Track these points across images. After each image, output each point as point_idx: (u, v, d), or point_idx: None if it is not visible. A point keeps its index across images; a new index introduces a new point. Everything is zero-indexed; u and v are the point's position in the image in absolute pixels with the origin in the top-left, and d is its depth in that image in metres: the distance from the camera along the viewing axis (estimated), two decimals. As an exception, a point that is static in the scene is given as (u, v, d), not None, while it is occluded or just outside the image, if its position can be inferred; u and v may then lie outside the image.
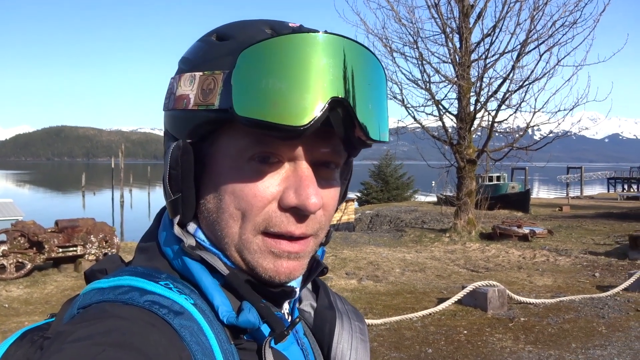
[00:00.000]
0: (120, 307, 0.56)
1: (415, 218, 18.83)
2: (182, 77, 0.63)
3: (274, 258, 0.63)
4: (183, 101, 0.62)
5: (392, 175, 34.06)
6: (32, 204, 38.26)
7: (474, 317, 6.62)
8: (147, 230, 0.72)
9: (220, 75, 0.59)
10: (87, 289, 0.61)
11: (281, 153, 0.61)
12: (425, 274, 9.74)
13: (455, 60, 13.73)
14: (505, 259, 11.08)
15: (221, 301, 0.61)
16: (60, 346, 0.50)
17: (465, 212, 13.83)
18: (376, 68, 0.63)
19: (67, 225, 9.71)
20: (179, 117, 0.63)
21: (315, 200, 0.61)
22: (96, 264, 0.70)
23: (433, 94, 14.13)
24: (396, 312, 6.82)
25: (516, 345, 5.56)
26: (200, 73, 0.61)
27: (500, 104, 13.59)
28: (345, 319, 0.80)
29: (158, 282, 0.60)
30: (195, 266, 0.63)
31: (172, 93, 0.65)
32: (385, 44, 14.19)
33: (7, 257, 8.98)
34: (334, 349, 0.76)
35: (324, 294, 0.82)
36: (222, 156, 0.63)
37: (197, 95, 0.60)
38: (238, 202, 0.61)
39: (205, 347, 0.56)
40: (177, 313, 0.57)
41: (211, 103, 0.59)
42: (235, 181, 0.61)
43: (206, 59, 0.62)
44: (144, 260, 0.67)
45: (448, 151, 14.40)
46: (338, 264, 10.39)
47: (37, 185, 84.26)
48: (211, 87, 0.59)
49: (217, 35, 0.64)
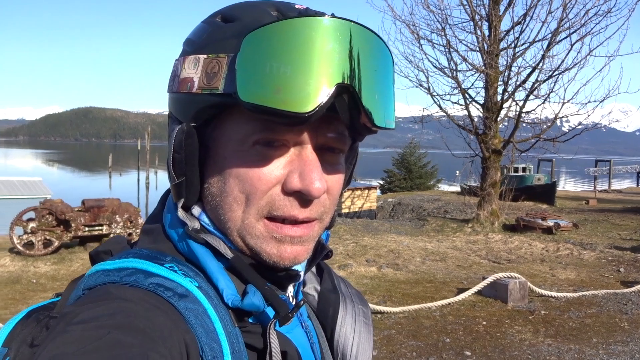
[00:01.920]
0: (125, 289, 0.56)
1: (438, 207, 18.69)
2: (187, 60, 0.62)
3: (277, 243, 0.63)
4: (187, 84, 0.61)
5: (415, 163, 33.79)
6: (61, 183, 39.11)
7: (494, 308, 6.57)
8: (152, 212, 0.73)
9: (224, 58, 0.58)
10: (92, 270, 0.62)
11: (286, 138, 0.61)
12: (445, 263, 9.70)
13: (484, 49, 13.48)
14: (528, 251, 10.95)
15: (226, 284, 0.61)
16: (66, 327, 0.50)
17: (489, 203, 13.66)
18: (384, 53, 0.62)
19: (94, 204, 9.92)
20: (183, 100, 0.63)
21: (319, 185, 0.60)
22: (101, 245, 0.70)
23: (460, 82, 13.91)
24: (415, 301, 6.82)
25: (535, 338, 5.52)
26: (204, 56, 0.60)
27: (529, 94, 13.30)
28: (348, 302, 0.80)
29: (163, 264, 0.60)
30: (200, 249, 0.63)
31: (177, 75, 0.64)
32: (413, 31, 14.00)
33: (36, 234, 9.24)
34: (337, 332, 0.77)
35: (327, 277, 0.82)
36: (226, 140, 0.63)
37: (201, 78, 0.60)
38: (242, 185, 0.61)
39: (209, 329, 0.56)
40: (182, 296, 0.57)
41: (215, 87, 0.58)
42: (239, 164, 0.61)
43: (210, 41, 0.61)
44: (148, 243, 0.67)
45: (473, 141, 14.19)
46: (358, 251, 10.41)
47: (65, 164, 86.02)
48: (215, 71, 0.59)
49: (222, 16, 0.63)
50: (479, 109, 14.12)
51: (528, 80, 13.28)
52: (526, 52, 13.35)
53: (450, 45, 13.71)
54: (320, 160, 0.63)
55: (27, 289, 7.63)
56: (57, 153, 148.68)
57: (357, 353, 0.76)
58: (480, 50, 13.62)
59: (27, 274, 8.48)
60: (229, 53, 0.58)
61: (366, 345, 0.78)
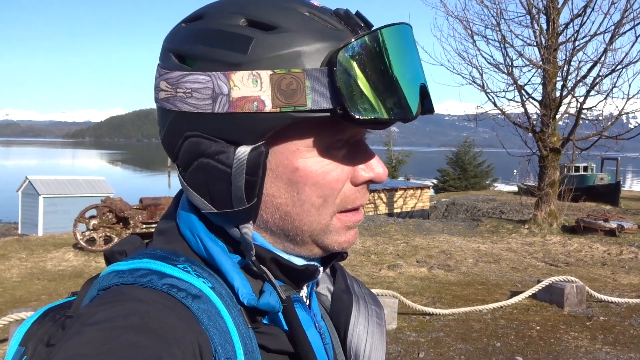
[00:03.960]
0: (139, 290, 0.57)
1: (493, 208, 18.19)
2: (234, 76, 0.58)
3: (347, 231, 0.67)
4: (252, 103, 0.57)
5: (470, 162, 33.03)
6: (123, 181, 40.80)
7: (549, 313, 6.34)
8: (166, 212, 0.73)
9: (301, 73, 0.57)
10: (107, 270, 0.62)
11: (348, 135, 0.64)
12: (499, 265, 9.43)
13: (541, 43, 13.00)
14: (588, 254, 10.48)
15: (241, 283, 0.62)
16: (81, 328, 0.51)
17: (547, 203, 13.17)
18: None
19: (151, 202, 10.31)
20: (246, 119, 0.58)
21: (385, 170, 0.66)
22: (116, 245, 0.71)
23: (515, 78, 13.48)
24: (466, 303, 6.67)
25: (593, 346, 5.28)
26: (268, 72, 0.57)
27: (590, 90, 12.72)
28: (362, 303, 0.80)
29: (176, 265, 0.60)
30: (215, 248, 0.63)
31: (223, 94, 0.58)
32: (466, 27, 13.69)
33: (97, 231, 9.69)
34: (351, 332, 0.77)
35: (340, 278, 0.82)
36: (293, 150, 0.62)
37: (274, 96, 0.57)
38: (321, 191, 0.62)
39: (222, 330, 0.57)
40: (195, 296, 0.57)
41: (300, 104, 0.57)
42: (314, 172, 0.62)
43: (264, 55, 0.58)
44: (162, 243, 0.67)
45: (530, 139, 13.73)
46: (409, 251, 10.29)
47: (127, 164, 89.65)
48: (294, 87, 0.57)
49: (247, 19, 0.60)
50: (536, 106, 13.64)
51: (589, 75, 12.72)
52: (587, 46, 12.79)
53: (506, 41, 13.31)
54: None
55: (89, 283, 8.01)
56: (120, 153, 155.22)
57: (370, 354, 0.76)
58: (538, 44, 13.15)
59: (89, 268, 8.91)
60: (305, 67, 0.57)
61: (379, 346, 0.78)
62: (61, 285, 7.81)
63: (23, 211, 18.73)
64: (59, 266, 9.06)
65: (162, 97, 0.63)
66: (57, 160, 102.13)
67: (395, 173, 33.45)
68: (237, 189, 0.60)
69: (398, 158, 35.16)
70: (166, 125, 0.64)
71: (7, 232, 18.09)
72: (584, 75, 12.79)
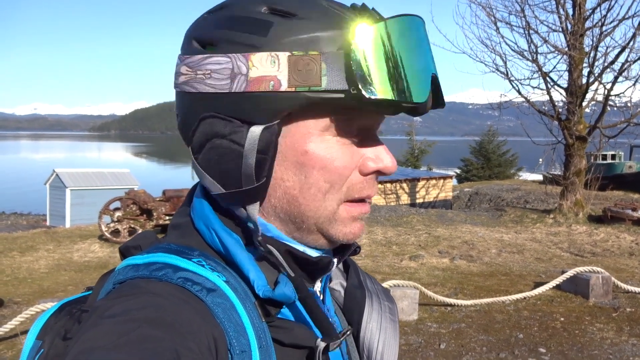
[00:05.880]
0: (154, 283, 0.57)
1: (518, 197, 17.93)
2: (253, 57, 0.59)
3: (353, 222, 0.67)
4: (269, 82, 0.59)
5: (494, 151, 32.61)
6: (147, 173, 41.39)
7: (574, 304, 6.23)
8: (180, 207, 0.74)
9: (318, 55, 0.58)
10: (122, 264, 0.63)
11: (359, 123, 0.64)
12: (523, 256, 9.30)
13: (567, 29, 12.68)
14: (616, 244, 10.26)
15: (257, 275, 0.62)
16: (97, 321, 0.52)
17: (573, 193, 12.90)
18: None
19: (173, 194, 10.43)
20: (261, 99, 0.60)
21: (393, 161, 0.66)
22: (131, 240, 0.71)
23: (540, 65, 13.19)
24: (488, 294, 6.60)
25: (619, 337, 5.18)
26: (286, 53, 0.59)
27: (618, 76, 12.37)
28: (375, 299, 0.80)
29: (191, 259, 0.61)
30: (230, 241, 0.64)
31: (241, 74, 0.60)
32: (489, 13, 13.41)
33: (121, 223, 9.85)
34: (363, 328, 0.77)
35: (353, 273, 0.83)
36: (304, 132, 0.62)
37: (290, 76, 0.59)
38: (328, 175, 0.63)
39: (237, 324, 0.57)
40: (210, 290, 0.58)
41: (315, 84, 0.58)
42: (324, 156, 0.63)
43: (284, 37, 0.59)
44: (177, 237, 0.68)
45: (555, 127, 13.44)
46: (431, 241, 10.23)
47: (152, 156, 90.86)
48: (310, 68, 0.58)
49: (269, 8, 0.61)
50: (561, 93, 13.33)
51: (617, 60, 12.35)
52: (614, 31, 12.42)
53: (530, 27, 13.01)
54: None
55: (114, 273, 8.17)
56: (145, 146, 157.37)
57: (383, 349, 0.76)
58: (563, 30, 12.83)
59: (114, 259, 9.08)
60: (322, 50, 0.59)
61: (392, 342, 0.78)
62: (87, 276, 7.97)
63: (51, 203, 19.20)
64: (85, 257, 9.25)
65: (181, 81, 0.65)
66: (84, 153, 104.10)
67: (418, 163, 33.15)
68: (247, 167, 0.62)
69: (420, 148, 34.79)
70: (183, 109, 0.66)
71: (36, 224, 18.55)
72: (612, 61, 12.44)
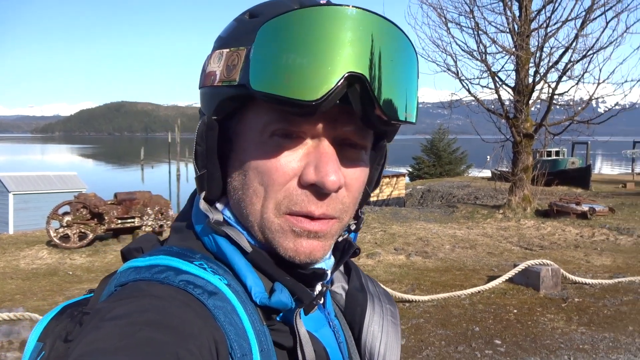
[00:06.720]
0: (156, 286, 0.57)
1: (468, 194, 18.42)
2: (213, 55, 0.64)
3: (294, 237, 0.63)
4: (211, 78, 0.63)
5: (445, 149, 33.36)
6: (95, 176, 40.08)
7: (525, 296, 6.45)
8: (182, 210, 0.74)
9: (243, 51, 0.60)
10: (124, 267, 0.63)
11: (303, 129, 0.61)
12: (476, 251, 9.56)
13: (514, 30, 13.13)
14: (562, 237, 10.70)
15: (254, 282, 0.62)
16: (99, 323, 0.51)
17: (521, 188, 13.38)
18: (405, 47, 0.61)
19: (125, 197, 10.13)
20: (207, 93, 0.64)
21: (334, 177, 0.60)
22: (132, 243, 0.71)
23: (489, 65, 13.60)
24: (444, 289, 6.75)
25: (568, 327, 5.40)
26: (227, 50, 0.62)
27: (562, 75, 12.90)
28: (376, 301, 0.80)
29: (192, 262, 0.61)
30: (228, 247, 0.64)
31: (204, 70, 0.66)
32: (440, 14, 13.73)
33: (71, 228, 9.49)
34: (365, 331, 0.77)
35: (355, 276, 0.82)
36: (247, 132, 0.63)
37: (222, 71, 0.61)
38: (261, 178, 0.62)
39: (238, 327, 0.57)
40: (211, 293, 0.57)
41: (233, 79, 0.60)
42: (258, 156, 0.62)
43: (234, 36, 0.63)
44: (178, 240, 0.68)
45: (504, 125, 13.89)
46: (387, 239, 10.35)
47: (99, 158, 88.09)
48: (235, 63, 0.60)
49: (249, 13, 0.65)
50: (509, 92, 13.79)
51: (561, 60, 12.91)
52: (558, 32, 12.95)
53: (479, 28, 13.41)
54: (340, 155, 0.62)
55: (64, 280, 7.85)
56: (92, 147, 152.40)
57: (385, 352, 0.77)
58: (511, 31, 13.28)
59: (64, 266, 8.73)
60: (247, 45, 0.59)
61: (394, 345, 0.78)
62: (36, 284, 7.63)
63: (-8, 209, 18.26)
64: (33, 264, 8.85)
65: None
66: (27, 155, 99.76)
67: (371, 162, 33.47)
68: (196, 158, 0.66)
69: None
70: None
71: (-23, 231, 17.61)
72: (556, 61, 12.98)
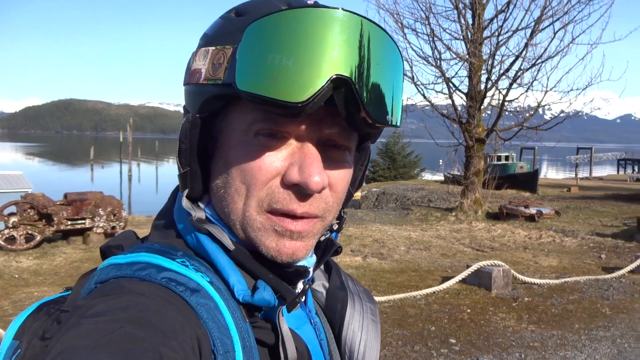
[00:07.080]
0: (137, 283, 0.56)
1: (422, 197, 18.79)
2: (198, 52, 0.63)
3: (277, 237, 0.63)
4: (196, 75, 0.62)
5: (399, 153, 33.87)
6: (42, 176, 38.52)
7: (478, 296, 6.64)
8: (163, 207, 0.73)
9: (229, 49, 0.59)
10: (105, 264, 0.62)
11: (288, 130, 0.61)
12: (430, 252, 9.76)
13: (467, 37, 13.52)
14: (511, 239, 11.07)
15: (237, 279, 0.62)
16: (79, 320, 0.50)
17: (472, 192, 13.77)
18: (392, 51, 0.62)
19: (76, 198, 9.80)
20: (192, 91, 0.64)
21: (318, 178, 0.60)
22: (112, 240, 0.70)
23: (443, 71, 13.95)
24: (400, 290, 6.86)
25: (519, 325, 5.59)
26: (213, 48, 0.61)
27: (512, 83, 13.40)
28: (356, 300, 0.81)
29: (174, 259, 0.60)
30: (211, 245, 0.64)
31: (189, 68, 0.65)
32: (397, 20, 13.99)
33: (17, 229, 9.09)
34: (345, 329, 0.77)
35: (335, 275, 0.83)
36: (231, 130, 0.63)
37: (207, 69, 0.61)
38: (243, 176, 0.62)
39: (221, 324, 0.57)
40: (194, 290, 0.57)
41: (219, 77, 0.60)
42: (241, 154, 0.62)
43: (220, 34, 0.62)
44: (159, 237, 0.68)
45: (457, 130, 14.27)
46: (343, 241, 10.42)
47: (46, 158, 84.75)
48: (220, 62, 0.60)
49: (236, 11, 0.64)
50: (462, 97, 14.19)
51: (511, 68, 13.41)
52: (509, 41, 13.49)
53: (434, 34, 13.74)
54: (324, 156, 0.62)
55: (10, 284, 7.50)
56: (38, 146, 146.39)
57: (365, 350, 0.77)
58: (464, 38, 13.67)
59: (10, 269, 8.34)
60: (234, 44, 0.59)
61: (374, 343, 0.79)
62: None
63: None
64: (-26, 267, 8.42)
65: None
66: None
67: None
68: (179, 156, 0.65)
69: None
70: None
71: None
72: (507, 68, 13.46)
